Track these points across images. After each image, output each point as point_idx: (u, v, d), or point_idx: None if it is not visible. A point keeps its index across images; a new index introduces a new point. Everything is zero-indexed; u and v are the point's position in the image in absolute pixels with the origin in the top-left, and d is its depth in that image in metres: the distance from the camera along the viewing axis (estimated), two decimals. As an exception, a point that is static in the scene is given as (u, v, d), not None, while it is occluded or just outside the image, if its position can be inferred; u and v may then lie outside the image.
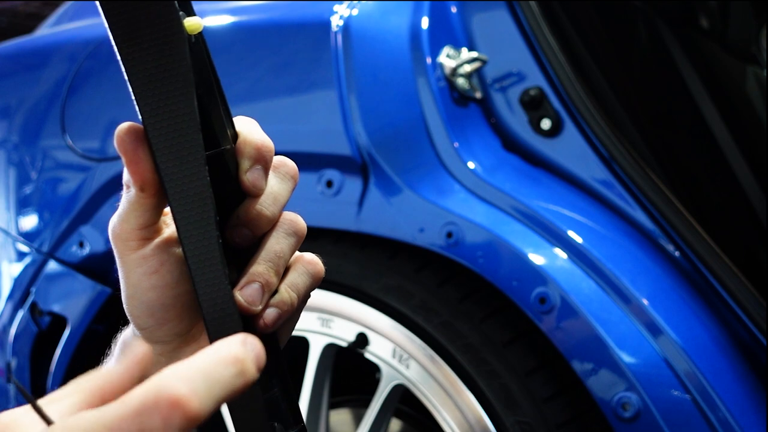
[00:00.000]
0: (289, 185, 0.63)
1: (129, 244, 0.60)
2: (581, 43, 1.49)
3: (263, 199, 0.60)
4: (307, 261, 0.64)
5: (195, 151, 0.56)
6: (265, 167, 0.61)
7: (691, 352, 1.25)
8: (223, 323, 0.57)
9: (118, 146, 0.57)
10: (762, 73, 1.77)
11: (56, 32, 1.91)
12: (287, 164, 0.63)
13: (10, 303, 1.77)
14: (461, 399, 1.32)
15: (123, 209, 0.60)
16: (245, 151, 0.60)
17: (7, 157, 1.81)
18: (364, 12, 1.42)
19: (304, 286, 0.63)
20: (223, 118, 0.60)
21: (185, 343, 0.63)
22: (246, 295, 0.59)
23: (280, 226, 0.62)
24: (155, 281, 0.61)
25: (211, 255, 0.57)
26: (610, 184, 1.38)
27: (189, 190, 0.56)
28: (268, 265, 0.60)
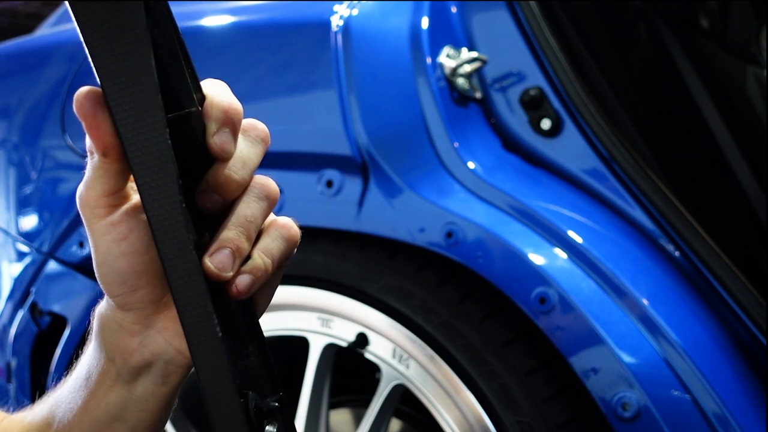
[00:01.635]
0: (260, 149, 0.61)
1: (96, 211, 0.59)
2: (581, 43, 1.49)
3: (232, 163, 0.59)
4: (281, 225, 0.62)
5: (154, 113, 0.55)
6: (233, 130, 0.59)
7: (691, 352, 1.25)
8: (187, 288, 0.56)
9: (77, 111, 0.56)
10: (762, 73, 1.77)
11: (56, 32, 1.91)
12: (257, 127, 0.62)
13: (10, 303, 1.77)
14: (461, 399, 1.32)
15: (88, 176, 0.59)
16: (212, 113, 0.59)
17: (7, 157, 1.81)
18: (364, 12, 1.42)
19: (279, 251, 0.61)
20: (188, 81, 0.58)
21: (159, 310, 0.63)
22: (216, 261, 0.57)
23: (250, 190, 0.60)
24: (125, 248, 0.60)
25: (175, 219, 0.55)
26: (610, 184, 1.38)
27: (150, 153, 0.55)
28: (238, 230, 0.59)
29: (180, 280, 0.56)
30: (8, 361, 1.76)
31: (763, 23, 1.77)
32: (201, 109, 0.59)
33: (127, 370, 0.64)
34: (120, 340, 0.63)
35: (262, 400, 0.59)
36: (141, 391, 0.64)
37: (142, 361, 0.63)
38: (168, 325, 0.63)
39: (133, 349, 0.63)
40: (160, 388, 0.64)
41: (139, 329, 0.63)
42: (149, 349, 0.63)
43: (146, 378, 0.64)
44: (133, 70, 0.55)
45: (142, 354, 0.63)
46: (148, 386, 0.64)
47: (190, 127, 0.58)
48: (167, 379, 0.64)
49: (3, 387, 1.78)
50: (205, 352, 0.56)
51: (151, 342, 0.63)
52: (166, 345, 0.63)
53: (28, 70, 1.84)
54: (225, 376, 0.55)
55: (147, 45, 0.54)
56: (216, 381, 0.55)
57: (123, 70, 0.55)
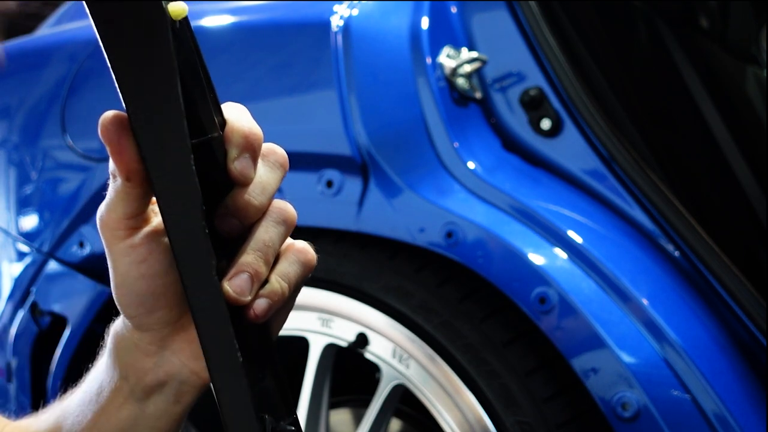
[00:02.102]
0: (279, 174, 0.62)
1: (117, 233, 0.60)
2: (581, 43, 1.49)
3: (252, 188, 0.59)
4: (298, 249, 0.62)
5: (180, 140, 0.55)
6: (253, 156, 0.60)
7: (691, 352, 1.25)
8: (209, 315, 0.56)
9: (102, 135, 0.57)
10: (762, 73, 1.77)
11: (56, 32, 1.92)
12: (276, 152, 0.62)
13: (10, 303, 1.77)
14: (461, 399, 1.32)
15: (110, 199, 0.59)
16: (233, 139, 0.59)
17: (7, 157, 1.81)
18: (364, 12, 1.42)
19: (295, 275, 0.61)
20: (210, 106, 0.58)
21: (175, 331, 0.63)
22: (234, 285, 0.58)
23: (269, 215, 0.61)
24: (144, 270, 0.60)
25: (198, 246, 0.56)
26: (610, 184, 1.38)
27: (174, 180, 0.55)
28: (257, 254, 0.59)
29: (203, 306, 0.56)
30: (8, 361, 1.76)
31: (763, 23, 1.76)
32: (222, 134, 0.59)
33: (141, 388, 0.64)
34: (135, 359, 0.64)
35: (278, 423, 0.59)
36: (153, 409, 0.65)
37: (155, 381, 0.64)
38: (183, 347, 0.63)
39: (148, 369, 0.64)
40: (173, 407, 0.65)
41: (154, 350, 0.63)
42: (164, 370, 0.64)
43: (159, 397, 0.65)
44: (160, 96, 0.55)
45: (157, 374, 0.64)
46: (160, 405, 0.65)
47: (212, 152, 0.59)
48: (180, 399, 0.65)
49: (3, 387, 1.78)
50: (226, 378, 0.56)
51: (166, 363, 0.64)
52: (181, 366, 0.64)
53: (28, 70, 1.84)
54: (246, 401, 0.56)
55: (173, 71, 0.55)
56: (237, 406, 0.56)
57: (149, 96, 0.55)
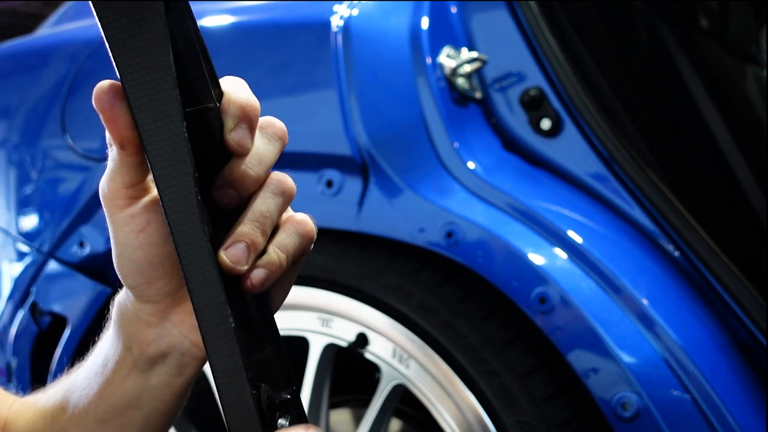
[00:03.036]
0: (277, 146, 0.62)
1: (116, 203, 0.60)
2: (581, 43, 1.49)
3: (249, 159, 0.60)
4: (297, 221, 0.63)
5: (172, 106, 0.56)
6: (250, 126, 0.60)
7: (691, 352, 1.25)
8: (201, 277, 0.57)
9: (95, 103, 0.57)
10: (762, 73, 1.77)
11: (56, 32, 1.92)
12: (275, 125, 0.63)
13: (10, 303, 1.77)
14: (461, 399, 1.32)
15: (109, 168, 0.60)
16: (229, 109, 0.59)
17: (7, 157, 1.81)
18: (364, 12, 1.42)
19: (293, 247, 0.62)
20: (206, 77, 0.59)
21: (175, 303, 0.64)
22: (231, 254, 0.58)
23: (267, 186, 0.61)
24: (142, 240, 0.61)
25: (190, 210, 0.56)
26: (610, 184, 1.38)
27: (167, 146, 0.56)
28: (253, 224, 0.59)
29: (194, 270, 0.57)
30: (8, 361, 1.76)
31: (763, 23, 1.76)
32: (219, 105, 0.60)
33: (144, 359, 0.65)
34: (137, 330, 0.65)
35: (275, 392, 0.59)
36: (156, 381, 0.66)
37: (158, 352, 0.65)
38: (184, 318, 0.64)
39: (150, 340, 0.64)
40: (175, 379, 0.66)
41: (155, 321, 0.64)
42: (165, 341, 0.64)
43: (162, 368, 0.65)
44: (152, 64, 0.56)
45: (158, 345, 0.64)
46: (163, 377, 0.65)
47: (208, 123, 0.59)
48: (182, 371, 0.65)
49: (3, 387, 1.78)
50: (217, 342, 0.56)
51: (168, 334, 0.64)
52: (181, 337, 0.64)
53: (28, 70, 1.84)
54: (237, 365, 0.56)
55: (166, 40, 0.55)
56: (228, 370, 0.56)
57: (142, 65, 0.56)
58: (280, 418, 0.58)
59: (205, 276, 0.56)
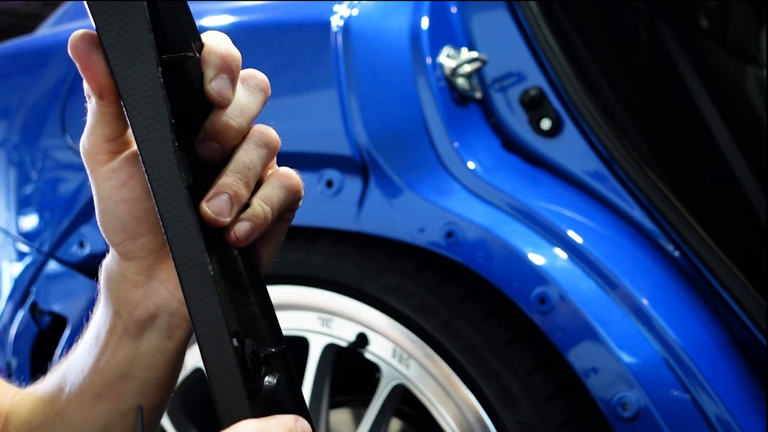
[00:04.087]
0: (259, 97, 0.62)
1: (97, 157, 0.60)
2: (581, 43, 1.49)
3: (230, 110, 0.59)
4: (281, 174, 0.63)
5: (146, 51, 0.55)
6: (231, 77, 0.59)
7: (691, 352, 1.25)
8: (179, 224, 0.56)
9: (71, 52, 0.56)
10: (762, 73, 1.77)
11: (56, 32, 1.92)
12: (256, 76, 0.62)
13: (11, 303, 1.77)
14: (461, 399, 1.32)
15: (89, 122, 0.59)
16: (209, 60, 0.59)
17: (7, 157, 1.81)
18: (364, 12, 1.42)
19: (278, 200, 0.61)
20: (184, 26, 0.58)
21: (161, 259, 0.63)
22: (213, 206, 0.57)
23: (249, 137, 0.61)
24: (125, 194, 0.60)
25: (166, 157, 0.55)
26: (610, 184, 1.38)
27: (141, 91, 0.55)
28: (236, 176, 0.59)
29: (171, 217, 0.56)
30: (8, 361, 1.76)
31: (763, 23, 1.77)
32: (198, 56, 0.59)
33: (133, 323, 0.64)
34: (124, 291, 0.64)
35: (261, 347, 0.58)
36: (148, 346, 0.65)
37: (146, 314, 0.64)
38: (170, 275, 0.63)
39: (138, 300, 0.64)
40: (166, 343, 0.65)
41: (142, 280, 0.63)
42: (153, 301, 0.64)
43: (152, 332, 0.65)
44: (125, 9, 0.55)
45: (146, 306, 0.64)
46: (154, 341, 0.65)
47: (188, 73, 0.58)
48: (172, 333, 0.65)
49: (3, 387, 1.78)
50: (196, 289, 0.55)
51: (155, 293, 0.64)
52: (169, 296, 0.64)
53: (28, 70, 1.84)
54: (216, 313, 0.55)
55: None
56: (208, 319, 0.55)
57: (115, 10, 0.55)
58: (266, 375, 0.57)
59: (183, 223, 0.55)
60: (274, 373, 0.58)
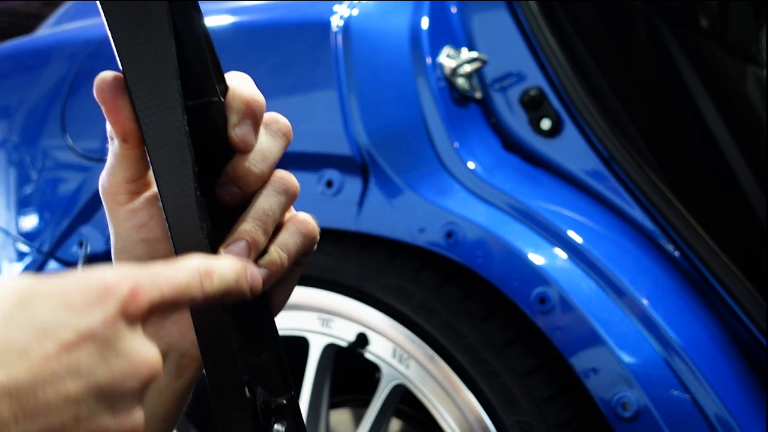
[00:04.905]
0: (281, 143, 0.61)
1: (117, 198, 0.60)
2: (581, 43, 1.49)
3: (252, 155, 0.59)
4: (299, 220, 0.62)
5: (172, 98, 0.55)
6: (254, 123, 0.59)
7: (691, 352, 1.25)
8: None
9: (97, 95, 0.56)
10: (762, 73, 1.77)
11: (56, 32, 1.92)
12: (279, 121, 0.62)
13: (10, 303, 1.77)
14: (461, 399, 1.32)
15: (109, 162, 0.59)
16: (234, 105, 0.58)
17: (7, 157, 1.81)
18: (364, 12, 1.42)
19: (295, 246, 0.61)
20: (210, 71, 0.58)
21: None
22: (231, 252, 0.57)
23: (270, 184, 0.60)
24: (144, 235, 0.60)
25: (188, 205, 0.55)
26: (610, 184, 1.38)
27: (166, 138, 0.55)
28: (255, 223, 0.59)
29: None
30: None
31: (763, 23, 1.76)
32: (223, 101, 0.59)
33: None
34: None
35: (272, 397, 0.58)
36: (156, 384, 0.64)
37: None
38: (183, 316, 0.63)
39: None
40: (175, 382, 0.65)
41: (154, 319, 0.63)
42: (164, 341, 0.63)
43: None
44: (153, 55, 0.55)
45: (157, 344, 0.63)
46: (163, 379, 0.64)
47: (212, 118, 0.58)
48: (181, 373, 0.64)
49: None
50: (212, 342, 0.55)
51: (166, 333, 0.63)
52: (180, 336, 0.63)
53: (28, 70, 1.83)
54: (232, 368, 0.55)
55: (168, 31, 0.55)
56: (222, 372, 0.55)
57: (143, 55, 0.55)
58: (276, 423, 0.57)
59: None
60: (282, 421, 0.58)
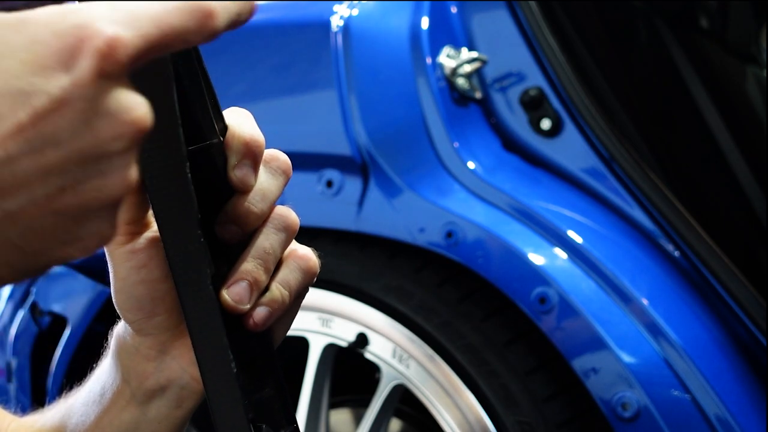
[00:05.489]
0: (280, 181, 0.61)
1: (117, 239, 0.59)
2: (581, 43, 1.49)
3: (252, 195, 0.59)
4: (299, 256, 0.62)
5: (175, 148, 0.54)
6: (254, 162, 0.59)
7: (691, 352, 1.25)
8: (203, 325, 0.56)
9: None
10: (762, 73, 1.77)
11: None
12: (279, 158, 0.61)
13: (10, 303, 1.77)
14: (461, 399, 1.32)
15: None
16: (233, 145, 0.58)
17: (7, 157, 1.81)
18: (364, 12, 1.42)
19: (296, 283, 0.61)
20: (210, 112, 0.58)
21: (175, 336, 0.63)
22: (233, 293, 0.57)
23: (270, 221, 0.60)
24: (144, 275, 0.60)
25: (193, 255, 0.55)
26: (610, 184, 1.38)
27: (170, 188, 0.55)
28: (256, 262, 0.59)
29: (196, 316, 0.56)
30: (8, 361, 1.76)
31: (763, 23, 1.77)
32: (222, 140, 0.58)
33: (142, 392, 0.64)
34: (136, 363, 0.64)
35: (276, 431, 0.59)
36: (155, 413, 0.65)
37: (156, 385, 0.64)
38: (184, 352, 0.63)
39: (149, 373, 0.63)
40: (174, 412, 0.65)
41: (155, 354, 0.63)
42: (165, 375, 0.63)
43: (160, 401, 0.64)
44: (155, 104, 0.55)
45: (158, 379, 0.63)
46: (162, 410, 0.64)
47: (212, 159, 0.58)
48: (181, 404, 0.65)
49: (3, 387, 1.78)
50: (219, 388, 0.55)
51: (167, 368, 0.63)
52: (181, 371, 0.63)
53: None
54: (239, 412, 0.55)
55: (170, 79, 0.54)
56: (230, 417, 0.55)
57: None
58: None
59: (208, 322, 0.56)
60: None
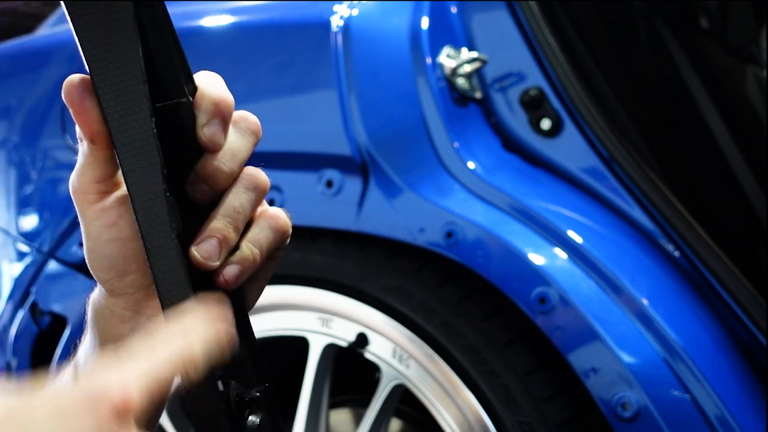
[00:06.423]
0: (250, 140, 0.62)
1: (87, 197, 0.61)
2: (581, 43, 1.49)
3: (221, 154, 0.60)
4: (270, 215, 0.63)
5: (140, 101, 0.56)
6: (223, 122, 0.60)
7: (691, 352, 1.25)
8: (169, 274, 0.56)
9: (65, 97, 0.57)
10: (762, 73, 1.77)
11: (56, 32, 1.91)
12: (248, 119, 0.62)
13: (11, 303, 1.77)
14: (461, 399, 1.32)
15: (79, 163, 0.60)
16: (202, 105, 0.59)
17: (7, 157, 1.81)
18: (364, 12, 1.42)
19: (267, 242, 0.62)
20: (178, 72, 0.59)
21: (148, 296, 0.63)
22: (202, 250, 0.58)
23: (239, 181, 0.61)
24: (114, 234, 0.61)
25: (158, 207, 0.56)
26: (610, 184, 1.38)
27: (135, 141, 0.56)
28: (226, 220, 0.59)
29: (161, 268, 0.56)
30: (8, 361, 1.76)
31: (763, 23, 1.77)
32: (192, 100, 0.60)
33: None
34: (111, 326, 0.64)
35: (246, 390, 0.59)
36: None
37: None
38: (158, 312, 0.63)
39: (124, 335, 0.64)
40: None
41: (129, 315, 0.64)
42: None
43: None
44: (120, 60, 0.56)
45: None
46: None
47: (180, 118, 0.59)
48: None
49: (3, 387, 1.78)
50: None
51: (142, 328, 0.64)
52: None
53: (28, 70, 1.84)
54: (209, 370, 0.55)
55: (134, 35, 0.55)
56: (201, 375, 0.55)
57: (110, 59, 0.56)
58: (250, 415, 0.58)
59: (173, 275, 0.56)
60: (257, 412, 0.59)
